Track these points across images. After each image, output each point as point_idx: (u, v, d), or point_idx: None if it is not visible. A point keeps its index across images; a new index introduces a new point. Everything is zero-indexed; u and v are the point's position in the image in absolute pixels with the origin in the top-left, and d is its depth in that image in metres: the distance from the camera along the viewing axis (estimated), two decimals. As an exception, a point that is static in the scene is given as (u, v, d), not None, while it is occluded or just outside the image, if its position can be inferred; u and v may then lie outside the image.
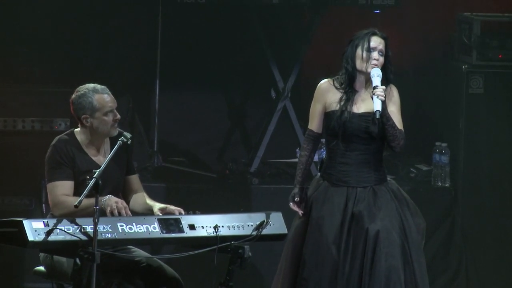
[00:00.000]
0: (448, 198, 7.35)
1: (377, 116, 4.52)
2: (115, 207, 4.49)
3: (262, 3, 7.55)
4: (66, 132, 4.78)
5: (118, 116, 4.73)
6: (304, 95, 7.61)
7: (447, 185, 7.37)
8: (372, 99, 4.56)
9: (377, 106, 4.53)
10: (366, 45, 4.61)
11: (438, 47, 7.78)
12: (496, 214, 7.30)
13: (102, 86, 4.73)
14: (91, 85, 4.72)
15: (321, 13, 7.64)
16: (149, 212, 4.73)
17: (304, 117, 7.52)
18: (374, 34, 4.65)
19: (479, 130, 7.31)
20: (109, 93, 4.74)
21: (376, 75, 4.57)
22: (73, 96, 4.70)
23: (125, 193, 4.87)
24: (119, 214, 4.49)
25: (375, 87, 4.56)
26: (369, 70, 4.60)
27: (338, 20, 7.75)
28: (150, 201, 4.81)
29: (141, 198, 4.85)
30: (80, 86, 4.72)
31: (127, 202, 4.81)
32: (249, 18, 7.67)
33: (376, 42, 4.63)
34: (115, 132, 4.71)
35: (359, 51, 4.62)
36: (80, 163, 4.68)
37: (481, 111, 7.33)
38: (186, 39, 7.76)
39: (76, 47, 7.56)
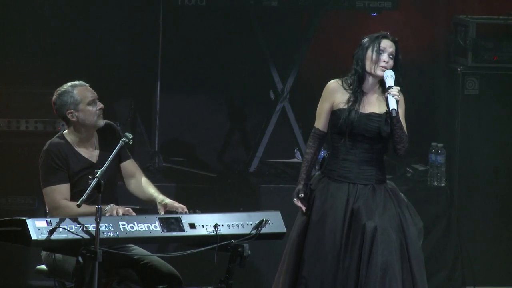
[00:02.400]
0: (444, 198, 7.38)
1: (394, 114, 4.55)
2: (115, 213, 4.53)
3: (262, 5, 7.56)
4: (56, 135, 4.82)
5: (102, 105, 4.77)
6: (302, 97, 7.67)
7: (443, 184, 7.40)
8: (387, 99, 4.59)
9: (392, 104, 4.56)
10: (376, 47, 4.62)
11: (434, 49, 7.79)
12: (491, 213, 7.33)
13: (80, 81, 4.80)
14: (69, 83, 4.79)
15: (319, 16, 7.66)
16: (152, 203, 4.77)
17: (302, 118, 7.58)
18: (385, 37, 4.66)
19: (475, 131, 7.33)
20: (88, 85, 4.80)
21: (390, 76, 4.60)
22: (54, 96, 4.75)
23: (124, 180, 4.93)
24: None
25: (389, 87, 4.59)
26: (378, 72, 4.63)
27: (336, 22, 7.77)
28: (154, 191, 4.84)
29: (142, 184, 4.88)
30: (58, 87, 4.78)
31: (128, 188, 4.86)
32: (248, 20, 7.69)
33: (387, 45, 4.64)
34: (101, 122, 4.76)
35: (369, 52, 4.64)
36: (73, 164, 4.71)
37: (476, 112, 7.35)
38: (186, 41, 7.79)
39: (78, 49, 7.58)
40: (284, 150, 7.86)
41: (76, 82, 4.77)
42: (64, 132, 4.80)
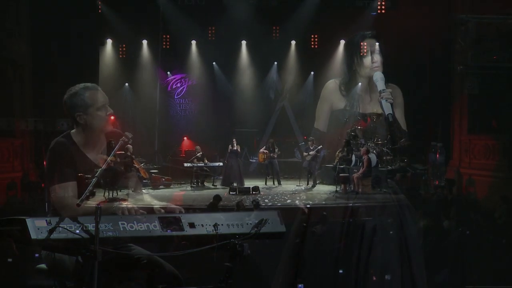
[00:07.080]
0: (444, 197, 7.41)
1: (390, 119, 4.54)
2: (125, 209, 4.51)
3: (262, 4, 7.60)
4: (62, 135, 4.80)
5: (111, 111, 4.75)
6: (302, 96, 7.67)
7: (442, 184, 7.44)
8: (381, 103, 4.58)
9: (387, 109, 4.56)
10: (361, 53, 4.61)
11: (434, 49, 7.82)
12: (491, 212, 7.35)
13: (93, 84, 4.77)
14: (82, 84, 4.76)
15: (319, 15, 7.69)
16: (149, 210, 4.75)
17: (302, 118, 7.58)
18: (363, 38, 4.63)
19: (475, 130, 7.36)
20: (100, 89, 4.78)
21: (380, 79, 4.60)
22: (65, 96, 4.74)
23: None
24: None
25: (381, 91, 4.58)
26: (371, 74, 4.62)
27: (337, 21, 7.79)
28: (150, 200, 4.83)
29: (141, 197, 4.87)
30: (71, 87, 4.76)
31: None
32: (248, 19, 7.72)
33: (369, 45, 4.62)
34: (109, 127, 4.74)
35: (355, 60, 4.63)
36: (79, 164, 4.70)
37: (476, 112, 7.38)
38: (186, 40, 7.81)
39: (79, 49, 7.61)
40: (284, 150, 7.88)
41: (89, 85, 4.75)
42: (72, 131, 4.79)
